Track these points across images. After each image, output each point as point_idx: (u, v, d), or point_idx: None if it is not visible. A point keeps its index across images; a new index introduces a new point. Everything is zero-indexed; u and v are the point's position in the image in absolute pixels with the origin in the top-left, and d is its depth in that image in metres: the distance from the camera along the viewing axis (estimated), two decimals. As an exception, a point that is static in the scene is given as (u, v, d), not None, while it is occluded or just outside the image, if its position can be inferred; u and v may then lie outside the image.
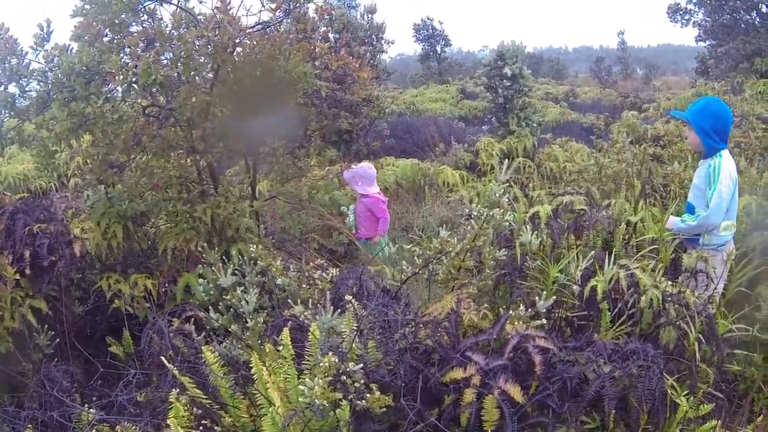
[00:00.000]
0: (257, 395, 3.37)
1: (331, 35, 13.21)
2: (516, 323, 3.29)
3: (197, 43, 5.67)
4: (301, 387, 2.86)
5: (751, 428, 3.91)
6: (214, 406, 3.62)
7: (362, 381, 2.78)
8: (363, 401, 2.76)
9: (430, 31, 41.37)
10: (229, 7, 5.75)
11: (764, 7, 27.24)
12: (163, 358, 3.81)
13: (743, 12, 27.75)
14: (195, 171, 6.60)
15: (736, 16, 28.05)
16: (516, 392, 2.91)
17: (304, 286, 4.28)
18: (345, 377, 2.74)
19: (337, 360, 2.76)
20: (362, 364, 2.79)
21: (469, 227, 3.69)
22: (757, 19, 27.31)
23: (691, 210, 5.24)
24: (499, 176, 3.91)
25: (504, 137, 14.40)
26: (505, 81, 14.47)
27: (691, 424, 3.64)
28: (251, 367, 3.43)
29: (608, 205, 6.62)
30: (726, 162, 5.10)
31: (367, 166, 7.89)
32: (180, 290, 6.07)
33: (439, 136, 15.17)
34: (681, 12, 30.28)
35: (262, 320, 4.10)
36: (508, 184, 9.39)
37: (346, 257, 8.05)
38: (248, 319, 4.13)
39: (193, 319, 4.75)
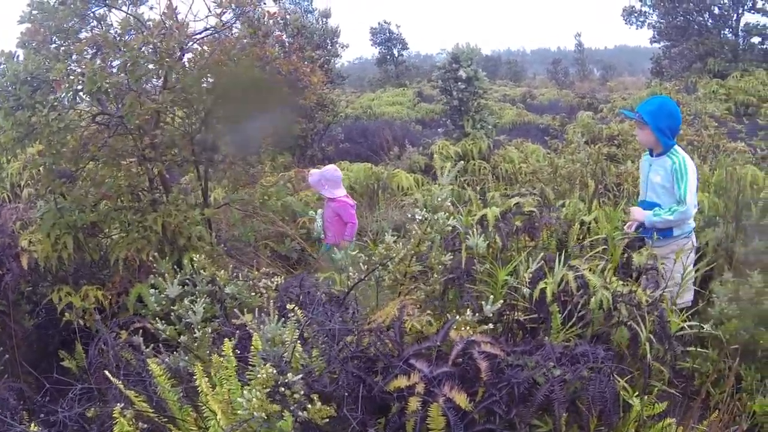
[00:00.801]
0: (204, 408, 3.30)
1: (285, 39, 13.15)
2: (463, 329, 3.26)
3: (144, 49, 5.58)
4: (239, 399, 2.80)
5: (705, 424, 3.92)
6: (162, 419, 3.54)
7: (302, 392, 2.72)
8: (304, 412, 2.70)
9: (387, 34, 41.34)
10: (176, 13, 5.68)
11: (716, 9, 27.78)
12: (107, 372, 3.71)
13: (696, 14, 28.30)
14: (146, 180, 6.49)
15: (689, 18, 28.59)
16: (462, 399, 2.87)
17: (253, 294, 4.21)
18: (284, 389, 2.68)
19: (275, 371, 2.70)
20: (301, 375, 2.72)
21: (414, 231, 3.65)
22: (710, 21, 27.85)
23: (650, 208, 5.37)
24: (441, 179, 3.88)
25: (459, 139, 14.42)
26: (459, 83, 14.49)
27: (648, 422, 3.65)
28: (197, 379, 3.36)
29: (562, 205, 6.63)
30: (688, 157, 5.36)
31: (333, 169, 7.81)
32: (132, 301, 5.97)
33: (393, 139, 15.15)
34: (636, 14, 30.80)
35: (210, 330, 4.02)
36: (452, 187, 9.45)
37: (300, 264, 7.96)
38: (196, 330, 4.05)
39: (141, 330, 4.66)
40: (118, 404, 3.44)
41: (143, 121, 5.95)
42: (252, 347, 3.20)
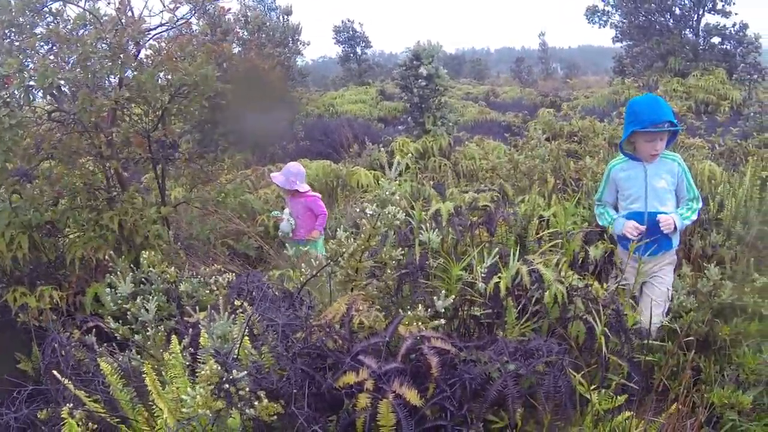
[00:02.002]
0: (155, 407, 3.26)
1: (245, 36, 13.08)
2: (414, 324, 3.23)
3: (97, 45, 5.50)
4: (183, 397, 2.75)
5: (663, 417, 3.93)
6: (114, 419, 3.48)
7: (248, 389, 2.68)
8: (251, 410, 2.66)
9: (351, 32, 41.31)
10: (129, 8, 5.61)
11: (677, 9, 28.14)
12: (55, 372, 3.65)
13: (658, 14, 28.67)
14: (103, 178, 6.41)
15: (651, 18, 28.96)
16: (412, 395, 2.83)
17: (207, 291, 4.16)
18: (228, 385, 2.64)
19: (219, 368, 2.66)
20: (246, 371, 2.68)
21: (364, 226, 3.62)
22: (671, 21, 28.23)
23: (655, 217, 4.80)
24: (388, 173, 3.84)
25: (420, 137, 14.45)
26: (420, 81, 14.51)
27: (606, 416, 3.65)
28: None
29: (522, 200, 6.65)
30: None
31: (297, 164, 7.71)
32: (89, 301, 5.90)
33: (353, 137, 15.11)
34: (599, 14, 31.12)
35: (163, 329, 3.97)
36: (411, 183, 9.43)
37: (259, 261, 7.91)
38: (149, 328, 4.00)
39: (95, 330, 4.59)
40: (68, 405, 3.37)
41: (99, 119, 5.87)
42: (201, 344, 3.15)
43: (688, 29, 27.83)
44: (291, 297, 3.42)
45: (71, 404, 3.38)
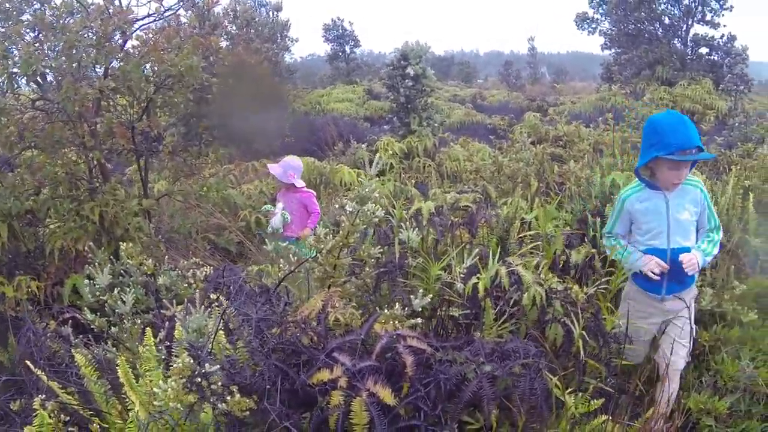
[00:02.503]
0: (128, 400, 3.23)
1: (233, 30, 13.05)
2: (391, 323, 3.21)
3: (83, 33, 5.47)
4: (155, 390, 2.73)
5: (640, 422, 3.94)
6: (87, 411, 3.45)
7: (220, 383, 2.66)
8: (223, 404, 2.64)
9: (340, 31, 41.35)
10: (115, -2, 5.58)
11: (667, 19, 28.30)
12: (29, 363, 3.62)
13: (647, 23, 28.80)
14: (86, 168, 6.37)
15: (641, 27, 29.09)
16: (386, 394, 2.81)
17: (185, 285, 4.13)
18: (200, 379, 2.61)
19: (191, 361, 2.64)
20: (219, 366, 2.66)
21: (343, 223, 3.61)
22: (660, 30, 28.37)
23: (678, 255, 4.22)
24: (368, 171, 3.82)
25: (405, 137, 14.42)
26: (407, 81, 14.51)
27: (583, 420, 3.66)
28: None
29: (505, 203, 6.66)
30: None
31: (296, 158, 7.51)
32: (67, 292, 5.86)
33: (338, 135, 15.07)
34: (588, 21, 31.22)
35: (140, 321, 3.95)
36: (395, 183, 9.42)
37: (240, 256, 7.87)
38: (126, 321, 3.97)
39: (71, 321, 4.56)
40: (40, 396, 3.34)
41: (83, 108, 5.83)
42: (175, 337, 3.13)
43: (676, 39, 27.98)
44: (268, 292, 3.40)
45: (44, 395, 3.35)
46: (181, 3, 6.41)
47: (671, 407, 4.12)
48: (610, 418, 3.66)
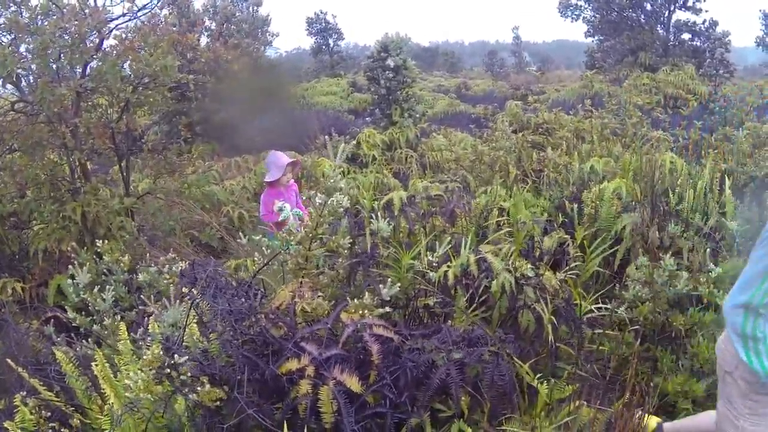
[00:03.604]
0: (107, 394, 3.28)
1: (212, 27, 13.05)
2: (359, 312, 3.27)
3: (58, 35, 5.50)
4: (126, 381, 2.78)
5: (616, 406, 3.97)
6: (69, 407, 3.50)
7: (189, 374, 2.71)
8: (194, 395, 2.70)
9: (323, 24, 41.36)
10: (88, -1, 5.60)
11: (649, 5, 28.39)
12: (9, 361, 3.67)
13: (629, 10, 28.85)
14: (68, 169, 6.40)
15: (623, 14, 29.14)
16: (353, 382, 2.88)
17: (165, 281, 4.18)
18: (170, 370, 2.67)
19: (161, 352, 2.69)
20: (187, 357, 2.71)
21: (312, 215, 3.66)
22: (642, 17, 28.44)
23: None
24: (333, 161, 3.86)
25: (386, 128, 14.39)
26: (388, 72, 14.54)
27: (559, 406, 3.69)
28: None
29: (484, 191, 6.70)
30: None
31: (272, 153, 7.11)
32: (52, 292, 5.90)
33: (321, 128, 15.03)
34: (571, 8, 31.26)
35: (120, 318, 4.00)
36: (376, 174, 9.44)
37: (222, 252, 7.88)
38: (106, 318, 4.02)
39: (55, 321, 4.62)
40: (21, 393, 3.40)
41: (62, 109, 5.86)
42: (150, 331, 3.19)
43: (659, 25, 28.06)
44: (244, 285, 3.44)
45: (24, 392, 3.41)
46: (157, 1, 6.43)
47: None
48: (585, 403, 3.68)
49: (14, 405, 3.47)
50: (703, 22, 26.75)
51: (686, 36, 27.59)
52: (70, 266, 4.83)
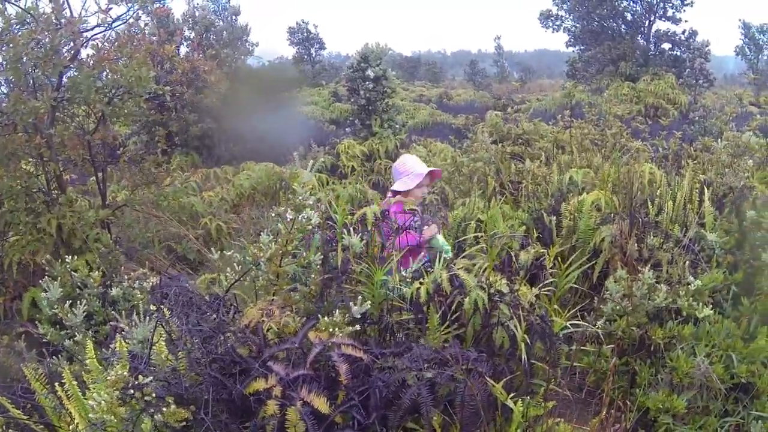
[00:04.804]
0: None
1: (191, 37, 12.99)
2: (328, 330, 3.23)
3: (31, 45, 5.45)
4: (89, 402, 2.75)
5: (597, 420, 3.96)
6: (38, 425, 3.46)
7: (154, 394, 2.68)
8: (159, 415, 2.66)
9: (305, 34, 41.46)
10: (64, 8, 5.55)
11: (629, 15, 28.60)
12: (-26, 377, 3.64)
13: (610, 20, 29.03)
14: (44, 180, 6.35)
15: (603, 23, 29.32)
16: (320, 403, 2.86)
17: (139, 296, 4.14)
18: (133, 391, 2.63)
19: (125, 373, 2.66)
20: (152, 377, 2.68)
21: (281, 231, 3.62)
22: (623, 27, 28.64)
23: None
24: (302, 177, 3.85)
25: (366, 139, 14.49)
26: (367, 83, 14.58)
27: (535, 423, 3.67)
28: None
29: (463, 203, 6.69)
30: None
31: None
32: (26, 306, 5.84)
33: (299, 140, 15.01)
34: (552, 18, 31.39)
35: (91, 333, 3.96)
36: (355, 186, 9.40)
37: (200, 265, 7.83)
38: (77, 333, 3.98)
39: (25, 335, 4.57)
40: (-14, 412, 3.36)
41: (38, 120, 5.81)
42: (117, 349, 3.16)
43: (639, 35, 28.25)
44: (213, 301, 3.41)
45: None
46: (133, 13, 6.38)
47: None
48: (561, 420, 3.69)
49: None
50: (683, 32, 26.95)
51: (666, 46, 27.78)
52: (42, 280, 4.79)
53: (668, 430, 4.19)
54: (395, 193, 5.37)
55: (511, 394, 3.54)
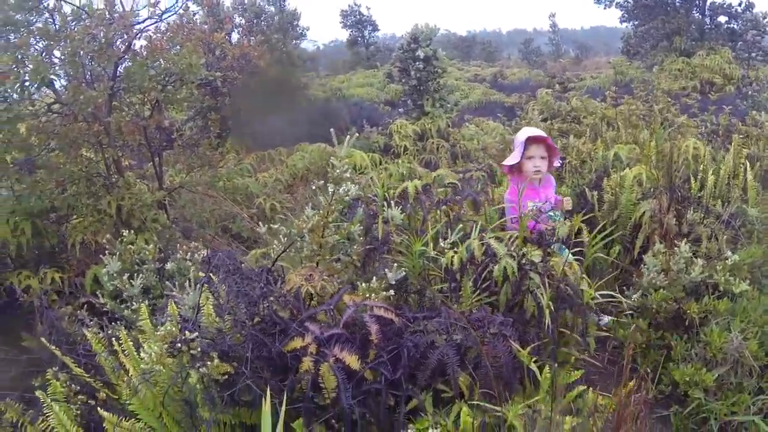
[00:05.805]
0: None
1: (241, 23, 13.24)
2: (365, 295, 3.48)
3: (86, 40, 5.74)
4: (142, 354, 3.04)
5: (620, 394, 3.90)
6: (97, 383, 3.76)
7: (199, 348, 2.94)
8: (204, 368, 2.93)
9: (357, 16, 41.48)
10: (114, 4, 5.83)
11: (683, -13, 27.91)
12: (43, 339, 3.96)
13: (663, -7, 28.36)
14: (103, 165, 6.67)
15: (657, -3, 28.64)
16: (352, 360, 3.08)
17: (191, 269, 4.41)
18: (180, 344, 2.90)
19: (174, 329, 2.92)
20: (197, 334, 2.94)
21: (323, 204, 3.84)
22: (677, 0, 27.94)
23: None
24: (338, 152, 4.04)
25: (418, 119, 14.59)
26: (418, 63, 14.65)
27: (563, 391, 3.76)
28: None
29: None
30: None
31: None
32: (89, 281, 6.15)
33: (351, 120, 15.15)
34: (605, -7, 30.75)
35: (146, 303, 4.25)
36: (409, 164, 9.55)
37: (254, 242, 8.08)
38: (135, 303, 4.30)
39: (88, 306, 4.90)
40: (53, 368, 3.69)
41: (96, 109, 6.11)
42: (168, 312, 3.43)
43: (694, 8, 27.65)
44: (260, 272, 3.66)
45: (56, 368, 3.70)
46: (179, 3, 6.64)
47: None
48: (591, 388, 3.76)
49: (47, 380, 3.76)
50: (740, 4, 26.29)
51: (722, 19, 27.13)
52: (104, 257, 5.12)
53: (700, 405, 4.18)
54: (510, 169, 5.34)
55: (536, 360, 3.62)
